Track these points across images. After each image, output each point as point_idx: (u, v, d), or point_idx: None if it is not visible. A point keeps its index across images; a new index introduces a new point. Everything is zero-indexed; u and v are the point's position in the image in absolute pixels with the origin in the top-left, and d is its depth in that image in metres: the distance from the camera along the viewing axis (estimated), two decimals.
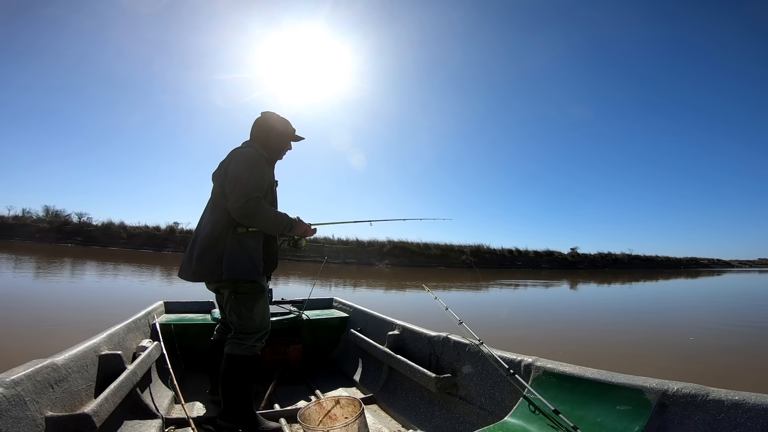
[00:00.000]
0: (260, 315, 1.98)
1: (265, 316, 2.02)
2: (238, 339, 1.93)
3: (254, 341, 1.95)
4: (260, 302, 1.97)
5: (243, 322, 1.94)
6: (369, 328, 3.02)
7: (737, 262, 56.88)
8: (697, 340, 6.62)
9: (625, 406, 1.28)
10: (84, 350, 1.75)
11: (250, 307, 1.94)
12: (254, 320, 1.96)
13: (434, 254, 28.66)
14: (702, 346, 6.25)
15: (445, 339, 2.20)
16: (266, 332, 2.03)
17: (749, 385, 4.26)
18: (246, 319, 1.94)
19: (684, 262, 45.13)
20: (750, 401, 1.02)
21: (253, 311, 1.94)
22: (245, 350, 1.92)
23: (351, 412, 1.72)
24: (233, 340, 1.94)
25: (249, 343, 1.93)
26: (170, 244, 26.10)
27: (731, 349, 6.15)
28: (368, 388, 2.55)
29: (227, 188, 1.87)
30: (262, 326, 2.00)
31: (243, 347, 1.92)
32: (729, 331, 7.60)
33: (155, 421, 1.87)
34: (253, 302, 1.94)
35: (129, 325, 2.38)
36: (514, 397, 1.65)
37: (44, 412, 1.35)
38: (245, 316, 1.94)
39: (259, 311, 1.97)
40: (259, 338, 1.98)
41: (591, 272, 29.50)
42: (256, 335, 1.96)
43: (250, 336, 1.94)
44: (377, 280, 15.47)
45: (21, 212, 28.94)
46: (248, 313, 1.94)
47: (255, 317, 1.96)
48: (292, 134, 2.15)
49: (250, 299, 1.93)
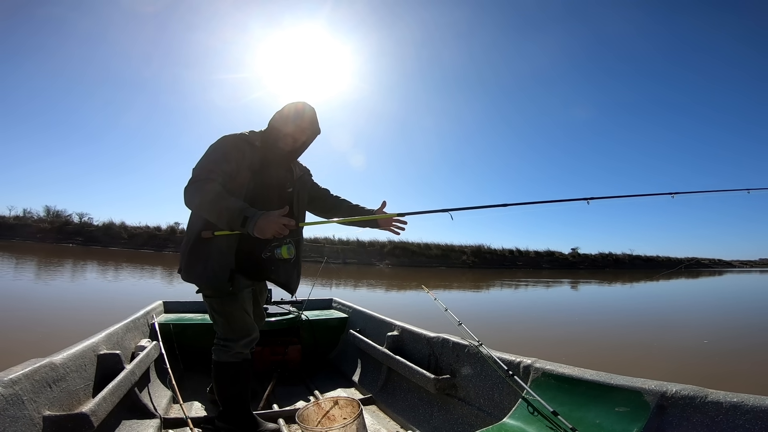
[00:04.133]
0: (237, 322, 1.80)
1: (244, 323, 1.82)
2: (222, 345, 1.81)
3: (239, 348, 1.81)
4: (233, 307, 1.78)
5: (218, 329, 1.82)
6: (368, 328, 3.02)
7: (738, 262, 56.76)
8: (697, 341, 6.60)
9: (623, 408, 1.28)
10: (82, 350, 1.75)
11: (220, 312, 1.78)
12: (230, 326, 1.79)
13: (435, 254, 28.67)
14: (704, 347, 6.24)
15: (444, 340, 2.20)
16: (252, 339, 1.85)
17: (754, 387, 4.25)
18: (220, 325, 1.81)
19: (685, 262, 45.02)
20: (749, 403, 1.02)
21: (224, 317, 1.79)
22: (231, 357, 1.80)
23: (349, 412, 1.72)
24: (217, 346, 1.83)
25: (234, 351, 1.80)
26: (171, 245, 26.13)
27: (737, 351, 6.13)
28: (367, 388, 2.55)
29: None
30: (243, 333, 1.81)
31: (229, 354, 1.80)
32: (733, 333, 7.59)
33: (153, 420, 1.86)
34: (222, 307, 1.77)
35: (128, 325, 2.37)
36: (512, 399, 1.65)
37: (42, 411, 1.34)
38: (218, 323, 1.81)
39: (235, 318, 1.79)
40: (244, 345, 1.82)
41: (592, 272, 29.47)
42: (239, 342, 1.80)
43: (233, 342, 1.80)
44: (377, 281, 15.46)
45: (22, 212, 29.06)
46: (220, 318, 1.79)
47: (231, 324, 1.79)
48: (284, 126, 1.80)
49: (218, 304, 1.77)
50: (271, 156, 1.83)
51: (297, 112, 1.80)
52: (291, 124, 1.80)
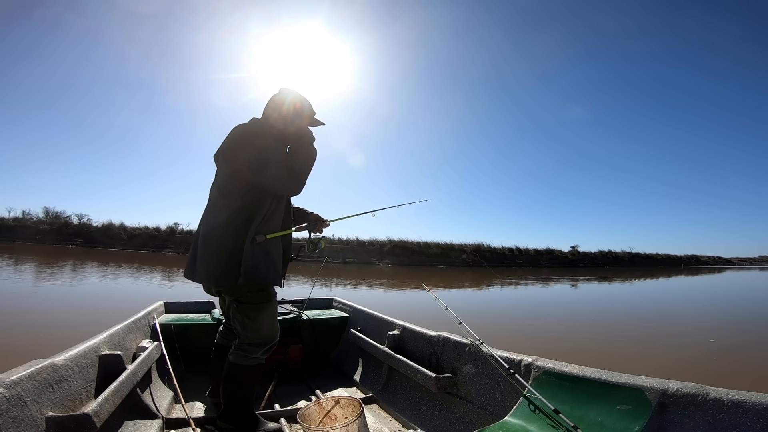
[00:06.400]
0: (267, 325, 1.82)
1: (272, 327, 1.85)
2: (243, 350, 1.80)
3: (261, 354, 1.82)
4: (268, 311, 1.81)
5: (248, 334, 1.79)
6: (369, 327, 3.02)
7: (738, 260, 56.81)
8: (699, 339, 6.61)
9: (625, 406, 1.28)
10: (84, 350, 1.75)
11: (254, 317, 1.78)
12: (260, 331, 1.80)
13: (435, 253, 28.67)
14: (709, 345, 6.25)
15: (445, 339, 2.20)
16: (274, 343, 1.87)
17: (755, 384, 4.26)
18: (251, 330, 1.79)
19: (685, 260, 45.09)
20: (750, 401, 1.02)
21: (257, 322, 1.79)
22: (250, 361, 1.81)
23: (351, 412, 1.72)
24: (237, 350, 1.81)
25: (254, 356, 1.81)
26: (170, 245, 26.12)
27: (743, 348, 6.12)
28: (368, 388, 2.55)
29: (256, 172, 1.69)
30: (270, 337, 1.84)
31: (247, 359, 1.80)
32: (738, 331, 7.60)
33: (155, 421, 1.87)
34: (257, 312, 1.78)
35: (129, 326, 2.38)
36: (514, 397, 1.65)
37: (44, 412, 1.35)
38: (250, 328, 1.79)
39: (266, 321, 1.82)
40: (266, 350, 1.83)
41: (592, 270, 29.49)
42: (262, 348, 1.81)
43: (256, 348, 1.80)
44: (377, 280, 15.47)
45: (21, 214, 29.04)
46: (253, 324, 1.78)
47: (261, 328, 1.80)
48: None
49: (253, 309, 1.77)
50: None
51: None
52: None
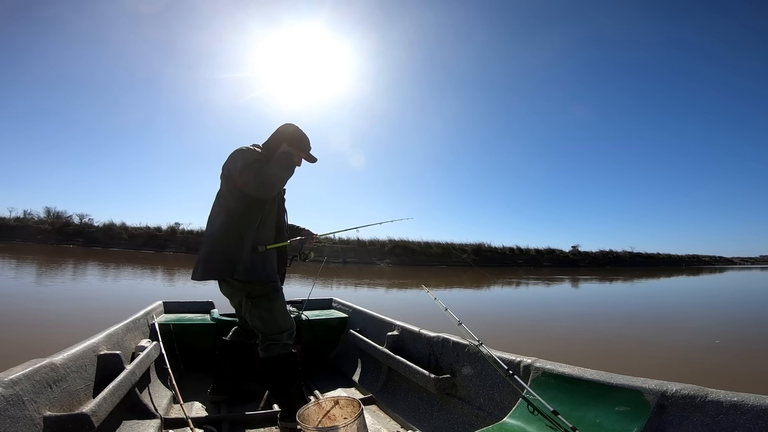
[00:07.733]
0: (282, 316, 2.02)
1: (286, 315, 2.05)
2: (271, 341, 1.97)
3: (286, 339, 2.00)
4: (279, 302, 2.01)
5: (268, 325, 1.98)
6: (368, 328, 3.02)
7: (739, 259, 56.75)
8: (700, 339, 6.60)
9: (623, 407, 1.28)
10: (83, 350, 1.75)
11: (269, 308, 1.97)
12: (277, 321, 1.99)
13: (435, 253, 28.65)
14: (714, 346, 6.23)
15: (444, 340, 2.20)
16: (293, 330, 2.06)
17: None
18: (269, 321, 1.98)
19: (686, 260, 45.04)
20: (749, 402, 1.02)
21: (272, 312, 1.98)
22: (282, 349, 1.98)
23: (350, 412, 1.72)
24: (266, 343, 1.98)
25: (282, 342, 1.98)
26: (171, 245, 26.14)
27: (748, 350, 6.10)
28: (367, 388, 2.55)
29: (237, 178, 1.90)
30: (287, 325, 2.03)
31: (279, 347, 1.97)
32: (742, 331, 7.58)
33: (154, 421, 1.86)
34: (271, 303, 1.98)
35: (128, 325, 2.38)
36: (513, 398, 1.65)
37: (42, 411, 1.34)
38: (267, 319, 1.97)
39: (280, 312, 2.01)
40: (288, 336, 2.02)
41: (592, 270, 29.46)
42: (284, 334, 1.99)
43: (281, 334, 1.98)
44: (378, 280, 15.47)
45: (22, 214, 29.13)
46: (269, 315, 1.97)
47: (277, 317, 1.99)
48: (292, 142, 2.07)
49: (267, 301, 1.97)
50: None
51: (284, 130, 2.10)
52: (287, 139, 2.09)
